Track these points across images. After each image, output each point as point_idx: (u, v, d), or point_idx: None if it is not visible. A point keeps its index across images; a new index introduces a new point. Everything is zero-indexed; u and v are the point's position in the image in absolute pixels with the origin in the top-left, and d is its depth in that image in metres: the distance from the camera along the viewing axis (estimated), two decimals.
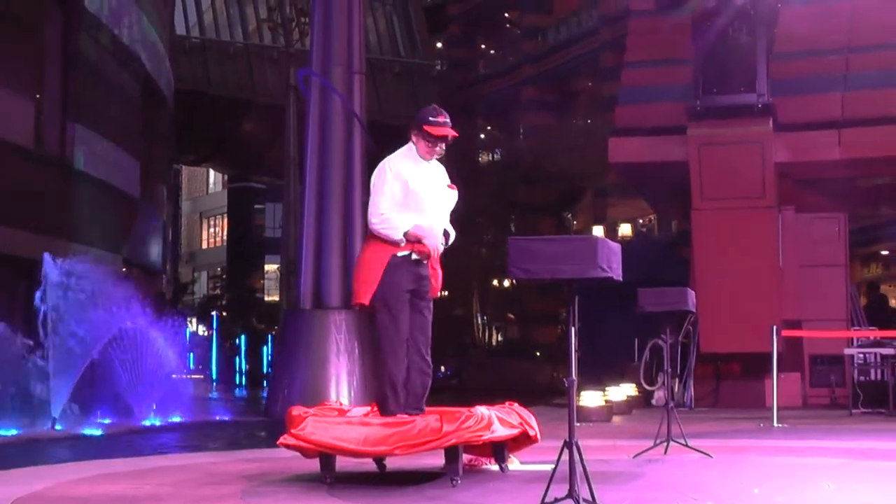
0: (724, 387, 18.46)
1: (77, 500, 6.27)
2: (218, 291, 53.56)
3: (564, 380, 5.34)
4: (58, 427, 13.30)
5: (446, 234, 6.99)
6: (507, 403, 7.18)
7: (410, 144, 6.94)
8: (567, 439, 5.25)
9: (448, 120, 6.89)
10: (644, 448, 8.39)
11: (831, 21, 18.44)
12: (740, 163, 17.64)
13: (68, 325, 13.86)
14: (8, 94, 16.87)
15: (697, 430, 10.65)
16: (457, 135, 6.90)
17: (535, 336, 36.38)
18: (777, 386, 13.53)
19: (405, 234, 6.71)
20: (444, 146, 6.92)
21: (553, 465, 5.34)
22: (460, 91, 40.72)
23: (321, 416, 6.77)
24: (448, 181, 7.05)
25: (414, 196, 6.79)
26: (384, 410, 6.79)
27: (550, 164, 34.27)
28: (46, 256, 14.06)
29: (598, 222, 36.95)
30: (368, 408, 7.12)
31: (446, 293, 31.10)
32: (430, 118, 6.84)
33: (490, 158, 43.66)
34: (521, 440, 7.20)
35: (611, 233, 34.94)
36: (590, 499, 5.15)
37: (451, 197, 7.02)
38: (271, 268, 52.95)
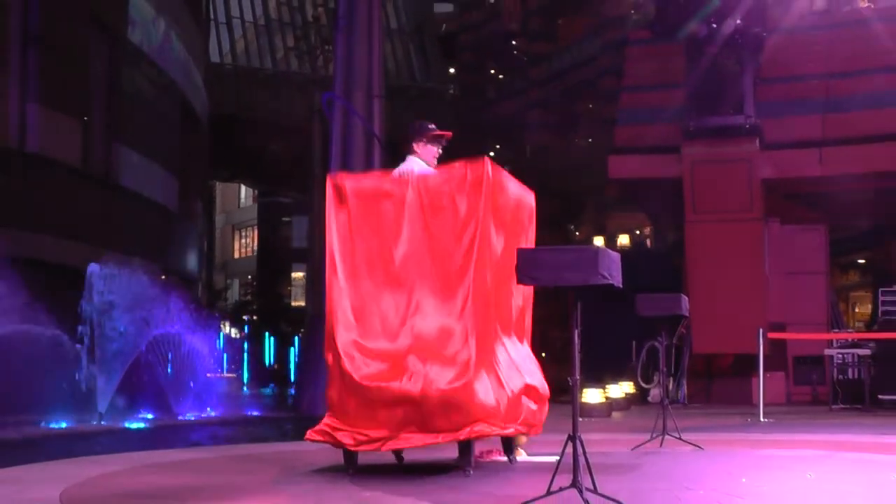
0: (715, 385, 18.45)
1: (122, 489, 6.28)
2: (249, 297, 53.52)
3: (568, 379, 5.35)
4: (103, 421, 13.36)
5: None
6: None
7: (413, 157, 7.08)
8: (571, 433, 5.26)
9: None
10: (641, 441, 8.40)
11: (812, 49, 18.47)
12: (730, 179, 17.66)
13: (112, 329, 13.91)
14: (58, 117, 16.96)
15: (690, 425, 10.64)
16: (451, 134, 7.24)
17: (543, 338, 36.24)
18: (763, 384, 13.53)
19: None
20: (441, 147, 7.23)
21: (558, 457, 5.36)
22: (472, 113, 40.73)
23: None
24: None
25: None
26: None
27: (555, 180, 34.28)
28: (93, 265, 14.11)
29: (598, 233, 36.88)
30: None
31: None
32: (429, 126, 7.18)
33: None
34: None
35: (610, 243, 34.87)
36: (592, 488, 5.17)
37: None
38: (298, 275, 52.88)
